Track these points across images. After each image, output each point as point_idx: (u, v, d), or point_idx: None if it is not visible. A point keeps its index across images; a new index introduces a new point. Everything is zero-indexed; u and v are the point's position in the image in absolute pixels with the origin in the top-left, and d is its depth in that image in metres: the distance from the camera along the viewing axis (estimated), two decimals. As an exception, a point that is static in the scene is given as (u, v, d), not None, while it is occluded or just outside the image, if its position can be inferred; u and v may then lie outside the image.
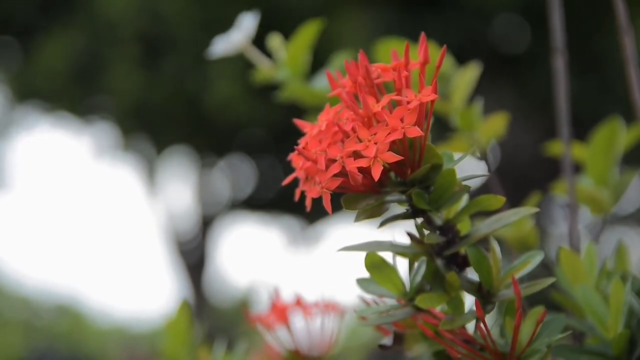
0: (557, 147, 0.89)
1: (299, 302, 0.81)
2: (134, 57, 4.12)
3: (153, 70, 4.12)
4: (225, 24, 1.04)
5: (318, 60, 0.92)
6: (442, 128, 0.85)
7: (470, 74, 0.85)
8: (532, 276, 0.59)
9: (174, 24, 3.95)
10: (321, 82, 0.88)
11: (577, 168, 0.88)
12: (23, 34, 4.57)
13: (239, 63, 3.62)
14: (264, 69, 0.89)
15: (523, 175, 4.09)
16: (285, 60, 0.88)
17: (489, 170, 0.81)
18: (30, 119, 5.47)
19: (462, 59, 0.89)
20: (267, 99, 0.91)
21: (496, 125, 0.86)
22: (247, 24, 0.88)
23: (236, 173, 5.59)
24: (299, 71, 0.88)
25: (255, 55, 0.89)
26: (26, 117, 5.43)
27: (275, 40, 0.89)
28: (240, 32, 0.87)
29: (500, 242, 0.65)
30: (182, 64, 4.02)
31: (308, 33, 0.87)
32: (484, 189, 0.82)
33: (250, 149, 5.15)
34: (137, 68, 4.13)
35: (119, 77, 4.16)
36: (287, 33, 0.91)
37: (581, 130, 1.02)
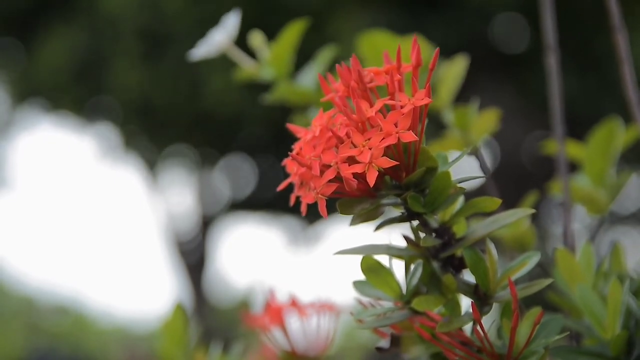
0: (553, 146, 0.88)
1: (294, 303, 0.81)
2: (134, 52, 4.11)
3: (153, 65, 4.11)
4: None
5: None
6: (432, 124, 0.84)
7: (457, 67, 0.84)
8: (530, 277, 0.59)
9: (174, 19, 3.94)
10: (305, 79, 0.86)
11: (576, 167, 0.88)
12: (25, 32, 4.57)
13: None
14: (247, 69, 0.87)
15: (523, 174, 4.09)
16: (268, 59, 0.86)
17: (483, 169, 0.80)
18: (32, 119, 5.47)
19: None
20: (263, 92, 0.89)
21: (488, 122, 0.84)
22: (229, 24, 0.86)
23: (236, 173, 5.58)
24: (283, 71, 0.86)
25: (237, 55, 0.87)
26: (28, 116, 5.43)
27: (257, 39, 0.87)
28: (222, 33, 0.86)
29: (496, 242, 0.65)
30: (182, 59, 4.00)
31: (293, 33, 0.86)
32: (480, 189, 0.81)
33: (251, 149, 5.13)
34: (137, 63, 4.12)
35: (119, 73, 4.16)
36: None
37: (583, 129, 1.01)
